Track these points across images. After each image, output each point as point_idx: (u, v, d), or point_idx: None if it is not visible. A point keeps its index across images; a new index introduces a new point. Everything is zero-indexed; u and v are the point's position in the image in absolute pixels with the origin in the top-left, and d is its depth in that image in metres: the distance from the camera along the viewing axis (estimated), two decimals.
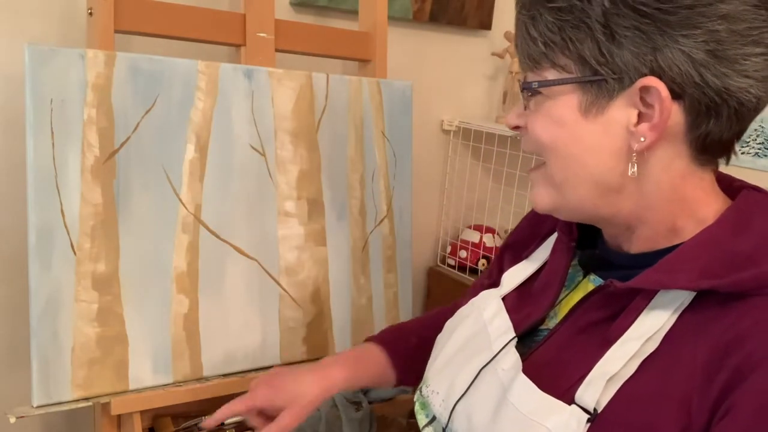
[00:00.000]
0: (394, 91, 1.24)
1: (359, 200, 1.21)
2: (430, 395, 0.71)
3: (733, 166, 0.65)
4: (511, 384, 0.62)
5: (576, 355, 0.62)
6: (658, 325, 0.57)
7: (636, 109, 0.57)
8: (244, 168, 1.07)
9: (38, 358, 0.91)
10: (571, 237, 0.70)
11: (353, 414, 1.10)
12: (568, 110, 0.59)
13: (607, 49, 0.56)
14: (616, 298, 0.61)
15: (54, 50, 0.91)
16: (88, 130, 0.94)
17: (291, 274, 1.13)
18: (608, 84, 0.57)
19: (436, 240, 1.65)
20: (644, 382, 0.56)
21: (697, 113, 0.57)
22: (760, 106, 0.59)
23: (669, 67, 0.55)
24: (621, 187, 0.60)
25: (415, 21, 1.46)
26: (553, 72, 0.60)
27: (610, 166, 0.59)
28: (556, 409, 0.58)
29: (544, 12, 0.58)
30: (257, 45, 1.11)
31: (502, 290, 0.74)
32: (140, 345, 0.98)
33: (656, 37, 0.54)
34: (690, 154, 0.59)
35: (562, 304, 0.69)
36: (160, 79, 0.99)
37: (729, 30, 0.54)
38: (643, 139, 0.57)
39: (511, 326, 0.68)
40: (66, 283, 0.93)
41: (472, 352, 0.69)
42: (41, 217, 0.91)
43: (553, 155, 0.62)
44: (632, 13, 0.54)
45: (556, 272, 0.70)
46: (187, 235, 1.02)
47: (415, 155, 1.31)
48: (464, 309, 0.76)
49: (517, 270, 0.75)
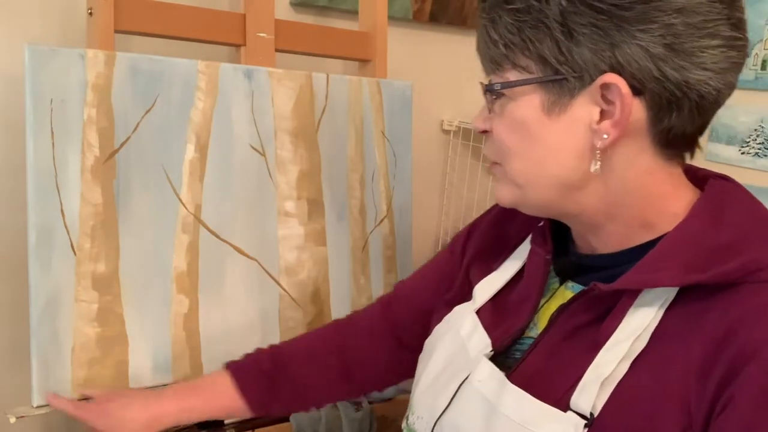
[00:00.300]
0: (394, 91, 1.24)
1: (359, 200, 1.21)
2: (415, 422, 0.70)
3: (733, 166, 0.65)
4: (500, 395, 0.61)
5: (566, 361, 0.61)
6: (645, 323, 0.57)
7: (598, 106, 0.57)
8: (244, 168, 1.07)
9: (38, 358, 0.91)
10: (546, 248, 0.69)
11: (353, 414, 1.10)
12: (530, 111, 0.59)
13: (566, 47, 0.56)
14: (601, 300, 0.61)
15: (54, 50, 0.91)
16: (88, 130, 0.94)
17: (291, 274, 1.13)
18: (569, 83, 0.57)
19: (436, 240, 1.65)
20: (638, 382, 0.56)
21: (658, 108, 0.57)
22: (720, 99, 0.59)
23: (628, 63, 0.55)
24: (585, 184, 0.60)
25: (415, 21, 1.46)
26: (515, 73, 0.60)
27: (573, 164, 0.59)
28: (552, 417, 0.57)
29: (503, 14, 0.58)
30: (257, 45, 1.11)
31: (476, 304, 0.72)
32: (140, 345, 0.98)
33: (613, 34, 0.55)
34: (654, 149, 0.59)
35: (541, 313, 0.68)
36: (160, 79, 0.99)
37: (685, 23, 0.54)
38: (606, 136, 0.57)
39: (489, 342, 0.67)
40: (66, 283, 0.93)
41: (453, 373, 0.68)
42: (41, 217, 0.91)
43: (517, 157, 0.62)
44: (589, 11, 0.55)
45: (534, 285, 0.68)
46: (187, 235, 1.02)
47: (415, 155, 1.31)
48: (440, 327, 0.75)
49: (489, 282, 0.74)
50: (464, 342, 0.69)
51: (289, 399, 0.88)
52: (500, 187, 0.66)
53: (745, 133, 1.48)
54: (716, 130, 1.53)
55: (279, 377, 0.87)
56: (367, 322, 0.92)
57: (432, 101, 1.56)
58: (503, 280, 0.73)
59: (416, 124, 1.35)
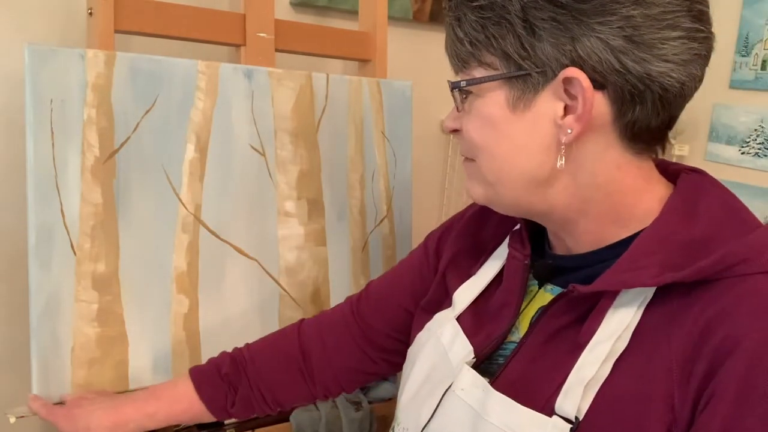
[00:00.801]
0: (394, 91, 1.24)
1: (359, 200, 1.21)
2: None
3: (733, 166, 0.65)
4: (485, 403, 0.61)
5: (549, 364, 0.61)
6: (625, 322, 0.57)
7: (561, 101, 0.57)
8: (244, 168, 1.07)
9: (38, 358, 0.91)
10: (524, 253, 0.68)
11: (353, 414, 1.10)
12: (496, 107, 0.60)
13: (528, 42, 0.56)
14: (580, 301, 0.60)
15: (54, 50, 0.91)
16: (88, 130, 0.94)
17: (291, 274, 1.13)
18: (532, 78, 0.57)
19: None
20: (621, 382, 0.56)
21: (621, 101, 0.57)
22: (686, 92, 0.58)
23: (588, 56, 0.55)
24: (554, 180, 0.60)
25: (415, 21, 1.46)
26: (480, 70, 0.60)
27: (540, 160, 0.59)
28: (538, 423, 0.57)
29: (468, 11, 0.59)
30: (257, 45, 1.11)
31: (456, 310, 0.72)
32: (140, 345, 0.98)
33: (573, 27, 0.55)
34: (622, 143, 0.59)
35: (521, 318, 0.67)
36: (160, 79, 0.99)
37: (644, 15, 0.54)
38: (570, 131, 0.57)
39: (471, 349, 0.67)
40: (66, 283, 0.93)
41: (436, 382, 0.68)
42: (41, 217, 0.91)
43: (485, 155, 0.62)
44: (548, 5, 0.55)
45: (513, 290, 0.68)
46: (187, 235, 1.02)
47: (415, 155, 1.31)
48: (422, 335, 0.75)
49: (468, 287, 0.73)
50: (446, 350, 0.69)
51: (248, 401, 0.88)
52: (473, 185, 0.66)
53: (745, 133, 1.48)
54: (716, 130, 1.53)
55: (238, 380, 0.88)
56: (334, 321, 0.91)
57: (432, 101, 1.56)
58: (482, 284, 0.72)
59: (416, 124, 1.35)
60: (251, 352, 0.91)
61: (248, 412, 0.90)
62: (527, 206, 0.63)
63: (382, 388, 1.18)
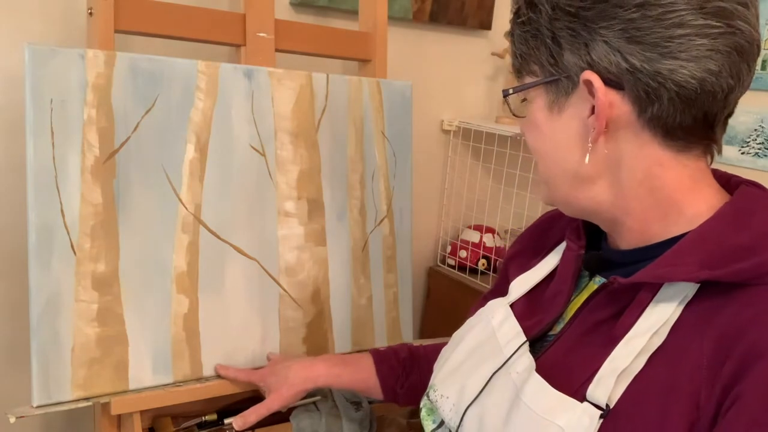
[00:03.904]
0: (394, 91, 1.24)
1: (359, 200, 1.21)
2: (438, 399, 0.72)
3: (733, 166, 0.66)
4: (524, 384, 0.63)
5: (584, 354, 0.63)
6: (664, 318, 0.59)
7: (588, 102, 0.61)
8: (244, 168, 1.07)
9: (38, 358, 0.91)
10: (579, 244, 0.72)
11: (353, 414, 1.10)
12: (539, 111, 0.66)
13: (555, 51, 0.62)
14: (620, 295, 0.62)
15: (54, 50, 0.91)
16: (88, 130, 0.94)
17: (291, 274, 1.13)
18: (562, 83, 0.63)
19: (436, 240, 1.65)
20: (654, 376, 0.57)
21: (639, 99, 0.60)
22: (709, 88, 0.59)
23: (600, 59, 0.59)
24: (596, 178, 0.64)
25: (415, 21, 1.46)
26: (528, 79, 0.66)
27: (577, 158, 0.64)
28: (569, 407, 0.59)
29: (516, 28, 0.66)
30: (257, 45, 1.11)
31: (510, 297, 0.76)
32: (140, 345, 0.98)
33: (583, 34, 0.60)
34: (656, 140, 0.61)
35: (569, 308, 0.70)
36: (160, 79, 0.99)
37: (645, 16, 0.57)
38: (593, 130, 0.61)
39: (520, 331, 0.69)
40: (66, 283, 0.93)
41: (482, 358, 0.70)
42: (41, 217, 0.91)
43: (537, 155, 0.68)
44: (565, 16, 0.61)
45: (566, 279, 0.71)
46: (187, 234, 1.02)
47: (415, 155, 1.31)
48: (471, 319, 0.78)
49: (525, 278, 0.77)
50: (494, 330, 0.72)
51: (416, 389, 0.95)
52: (539, 185, 0.72)
53: (745, 133, 1.48)
54: None
55: (411, 368, 0.98)
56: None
57: (432, 101, 1.56)
58: (539, 276, 0.76)
59: (416, 124, 1.35)
60: (426, 349, 1.00)
61: (412, 399, 0.97)
62: (577, 203, 0.67)
63: None
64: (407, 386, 0.97)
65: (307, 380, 0.96)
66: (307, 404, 1.10)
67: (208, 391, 1.03)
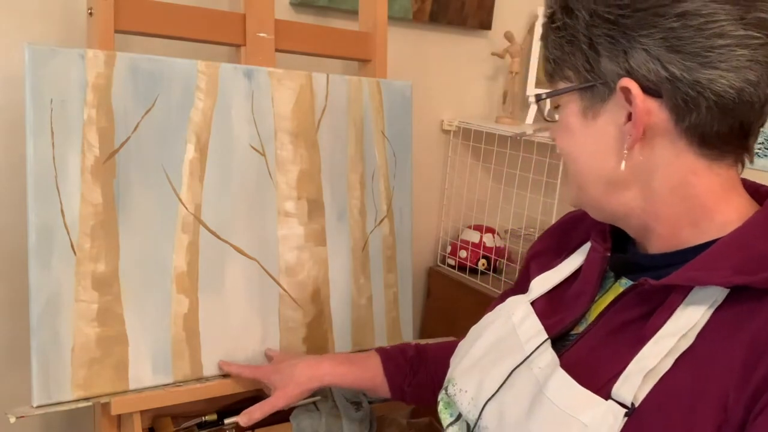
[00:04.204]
0: (394, 91, 1.24)
1: (359, 200, 1.21)
2: (456, 394, 0.73)
3: None
4: (547, 379, 0.64)
5: (610, 353, 0.63)
6: (693, 321, 0.59)
7: (624, 109, 0.62)
8: (244, 168, 1.07)
9: (38, 358, 0.91)
10: (605, 246, 0.73)
11: (353, 414, 1.10)
12: (573, 116, 0.66)
13: (592, 57, 0.62)
14: (649, 296, 0.63)
15: (54, 50, 0.91)
16: (88, 130, 0.94)
17: (291, 274, 1.13)
18: (598, 89, 0.63)
19: (436, 240, 1.65)
20: (681, 378, 0.58)
21: (677, 108, 0.60)
22: (747, 98, 0.59)
23: (638, 67, 0.60)
24: (628, 183, 0.64)
25: (415, 21, 1.46)
26: (562, 84, 0.67)
27: (611, 164, 0.64)
28: (593, 404, 0.59)
29: (550, 33, 0.66)
30: (257, 45, 1.11)
31: (531, 295, 0.76)
32: (140, 345, 0.98)
33: (622, 41, 0.60)
34: (692, 148, 0.62)
35: (593, 308, 0.71)
36: (160, 79, 0.99)
37: (685, 26, 0.58)
38: (630, 137, 0.61)
39: (542, 329, 0.70)
40: (66, 283, 0.93)
41: (502, 354, 0.70)
42: (41, 217, 0.91)
43: (568, 160, 0.68)
44: (603, 23, 0.61)
45: (591, 280, 0.72)
46: (187, 234, 1.02)
47: (415, 155, 1.31)
48: (490, 315, 0.78)
49: (547, 277, 0.78)
50: (515, 327, 0.72)
51: (423, 387, 0.96)
52: (567, 188, 0.72)
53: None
54: None
55: (419, 366, 0.98)
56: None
57: (432, 101, 1.56)
58: (561, 276, 0.77)
59: (416, 124, 1.35)
60: (433, 348, 1.00)
61: (420, 398, 0.97)
62: (608, 208, 0.68)
63: None
64: (415, 384, 0.97)
65: (313, 379, 0.96)
66: (307, 404, 1.10)
67: (208, 391, 1.03)
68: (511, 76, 1.54)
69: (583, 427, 0.58)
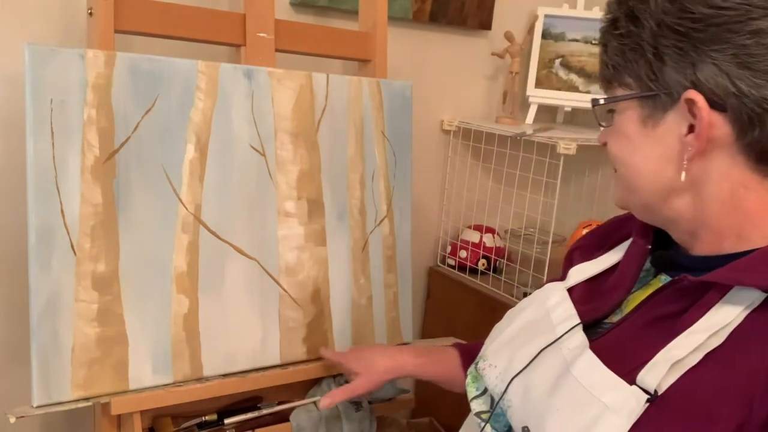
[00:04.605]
0: (394, 91, 1.24)
1: (359, 200, 1.21)
2: (486, 368, 0.75)
3: None
4: (575, 359, 0.65)
5: (640, 344, 0.64)
6: (727, 320, 0.60)
7: (686, 120, 0.62)
8: (244, 168, 1.07)
9: (38, 358, 0.91)
10: (647, 240, 0.74)
11: (353, 414, 1.10)
12: (631, 124, 0.67)
13: (656, 67, 0.63)
14: (686, 293, 0.64)
15: (54, 50, 0.91)
16: (88, 130, 0.94)
17: (291, 274, 1.13)
18: (661, 99, 0.64)
19: (436, 240, 1.65)
20: (707, 373, 0.59)
21: (741, 123, 0.61)
22: None
23: (706, 80, 0.60)
24: (681, 192, 0.65)
25: (415, 21, 1.46)
26: (620, 90, 0.68)
27: (667, 173, 0.65)
28: (617, 387, 0.61)
29: (612, 39, 0.67)
30: (257, 45, 1.11)
31: (568, 283, 0.78)
32: (140, 345, 0.98)
33: (692, 54, 0.61)
34: (748, 164, 0.63)
35: (630, 300, 0.72)
36: (160, 79, 0.99)
37: (758, 44, 0.59)
38: (691, 148, 0.62)
39: (575, 313, 0.71)
40: (66, 283, 0.93)
41: (534, 334, 0.72)
42: (41, 217, 0.91)
43: (622, 165, 0.69)
44: (672, 34, 0.61)
45: (629, 272, 0.73)
46: (187, 235, 1.02)
47: (415, 155, 1.31)
48: (526, 299, 0.80)
49: (586, 266, 0.80)
50: (549, 311, 0.74)
51: None
52: (617, 192, 0.73)
53: None
54: None
55: None
56: None
57: (432, 101, 1.56)
58: (600, 267, 0.79)
59: (416, 124, 1.35)
60: None
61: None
62: (657, 213, 0.69)
63: (382, 388, 1.18)
64: None
65: (394, 369, 0.99)
66: (307, 404, 1.10)
67: (208, 391, 1.03)
68: (511, 76, 1.54)
69: (604, 408, 0.60)
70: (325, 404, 0.99)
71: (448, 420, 1.51)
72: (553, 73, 1.58)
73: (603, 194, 1.70)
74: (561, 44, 1.58)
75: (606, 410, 0.59)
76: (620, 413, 0.59)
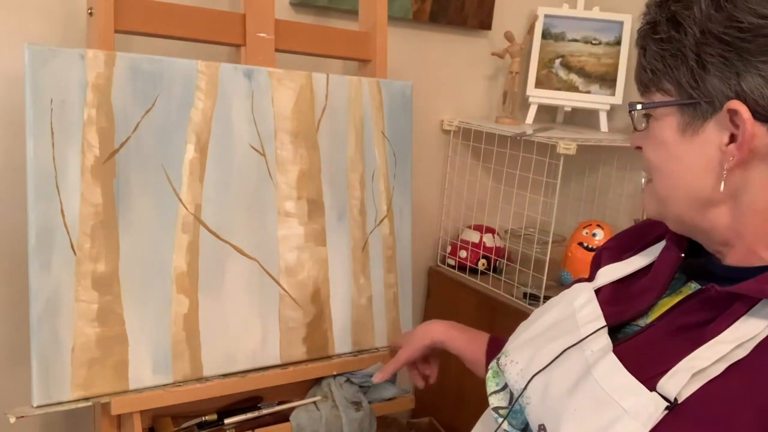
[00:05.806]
0: (394, 91, 1.24)
1: (359, 200, 1.21)
2: (507, 364, 0.74)
3: None
4: (597, 362, 0.64)
5: (664, 351, 0.64)
6: (753, 333, 0.59)
7: (727, 130, 0.62)
8: (244, 168, 1.07)
9: (38, 358, 0.91)
10: (680, 248, 0.73)
11: (353, 414, 1.10)
12: (669, 131, 0.65)
13: (699, 75, 0.62)
14: (714, 303, 0.63)
15: (54, 50, 0.91)
16: (88, 130, 0.94)
17: (291, 274, 1.13)
18: (702, 107, 0.62)
19: (436, 240, 1.65)
20: (728, 385, 0.58)
21: None
22: None
23: (751, 91, 0.59)
24: (718, 202, 0.64)
25: (415, 21, 1.46)
26: (658, 96, 0.66)
27: (705, 182, 0.64)
28: (637, 392, 0.60)
29: (652, 43, 0.66)
30: (257, 45, 1.11)
31: (596, 283, 0.77)
32: (140, 345, 0.98)
33: (738, 64, 0.60)
34: None
35: (658, 306, 0.71)
36: (160, 79, 0.99)
37: None
38: (732, 158, 0.61)
39: (601, 315, 0.71)
40: (66, 283, 0.93)
41: (558, 333, 0.72)
42: (41, 217, 0.91)
43: (657, 173, 0.68)
44: (718, 43, 0.60)
45: (660, 278, 0.72)
46: (187, 235, 1.02)
47: (415, 155, 1.31)
48: (554, 299, 0.80)
49: (615, 267, 0.79)
50: (575, 311, 0.73)
51: None
52: (648, 200, 0.72)
53: None
54: None
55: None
56: None
57: (432, 101, 1.56)
58: (629, 269, 0.77)
59: (416, 124, 1.35)
60: None
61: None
62: (691, 223, 0.68)
63: (382, 388, 1.18)
64: None
65: (426, 335, 1.04)
66: (307, 404, 1.10)
67: (208, 391, 1.03)
68: (511, 76, 1.54)
69: (622, 412, 0.59)
70: (378, 378, 1.10)
71: (448, 420, 1.51)
72: (553, 73, 1.58)
73: (603, 194, 1.70)
74: (561, 44, 1.58)
75: (624, 414, 0.59)
76: (638, 418, 0.58)
